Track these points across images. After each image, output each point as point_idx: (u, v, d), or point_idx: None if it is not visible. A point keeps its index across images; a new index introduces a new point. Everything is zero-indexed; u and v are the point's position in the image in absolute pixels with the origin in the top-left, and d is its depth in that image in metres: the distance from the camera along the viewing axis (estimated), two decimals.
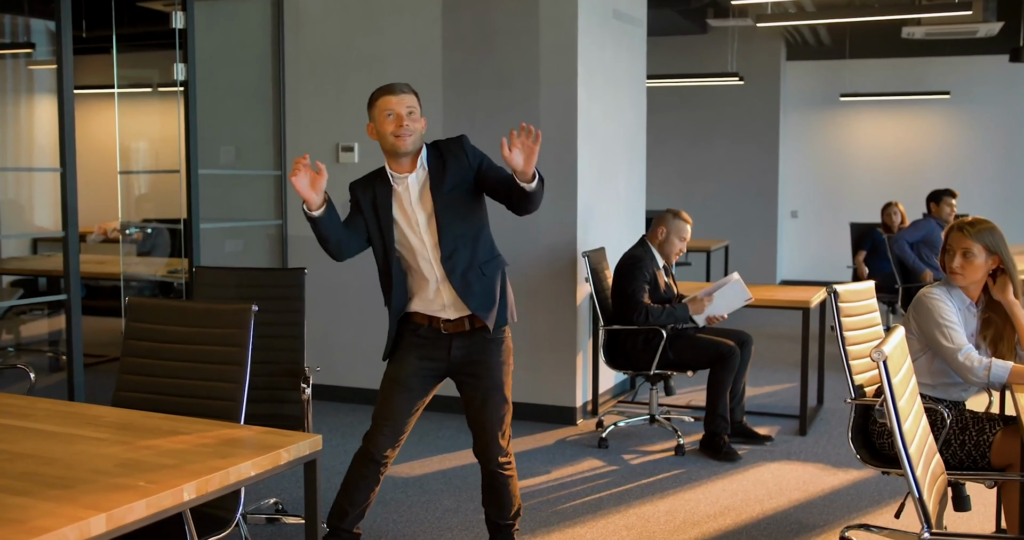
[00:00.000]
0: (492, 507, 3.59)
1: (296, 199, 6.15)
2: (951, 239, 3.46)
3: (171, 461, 2.30)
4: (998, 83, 11.81)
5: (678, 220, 5.28)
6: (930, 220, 7.48)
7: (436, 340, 3.40)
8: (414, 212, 3.30)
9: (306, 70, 6.10)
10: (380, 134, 3.27)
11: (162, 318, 2.95)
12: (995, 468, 3.28)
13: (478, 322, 3.37)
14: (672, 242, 5.26)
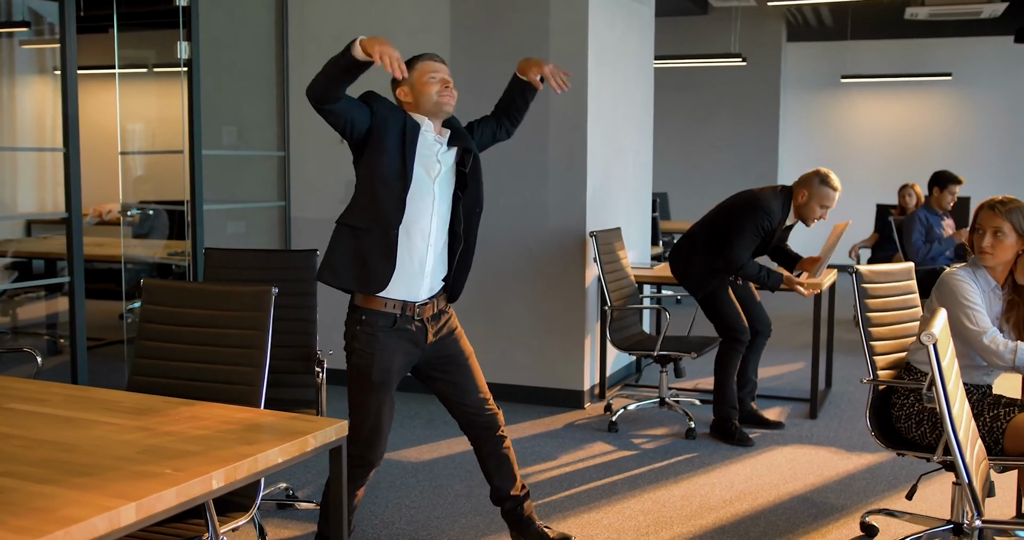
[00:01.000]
0: (505, 478, 3.49)
1: (300, 180, 6.07)
2: (981, 218, 3.40)
3: (195, 447, 2.24)
4: (1001, 65, 11.75)
5: (825, 187, 4.85)
6: (916, 214, 7.30)
7: (413, 332, 3.23)
8: (437, 161, 3.22)
9: (310, 49, 6.00)
10: (421, 94, 3.22)
11: (179, 300, 2.88)
12: (1008, 454, 3.24)
13: (440, 300, 3.29)
14: (812, 208, 4.89)
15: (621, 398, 5.75)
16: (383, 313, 3.19)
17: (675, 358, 5.23)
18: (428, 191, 3.19)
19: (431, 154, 3.21)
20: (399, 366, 3.24)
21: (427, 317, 3.25)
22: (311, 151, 6.04)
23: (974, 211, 3.48)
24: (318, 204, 6.05)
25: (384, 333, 3.19)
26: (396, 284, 3.17)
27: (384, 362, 3.20)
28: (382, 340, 3.19)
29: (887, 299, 3.71)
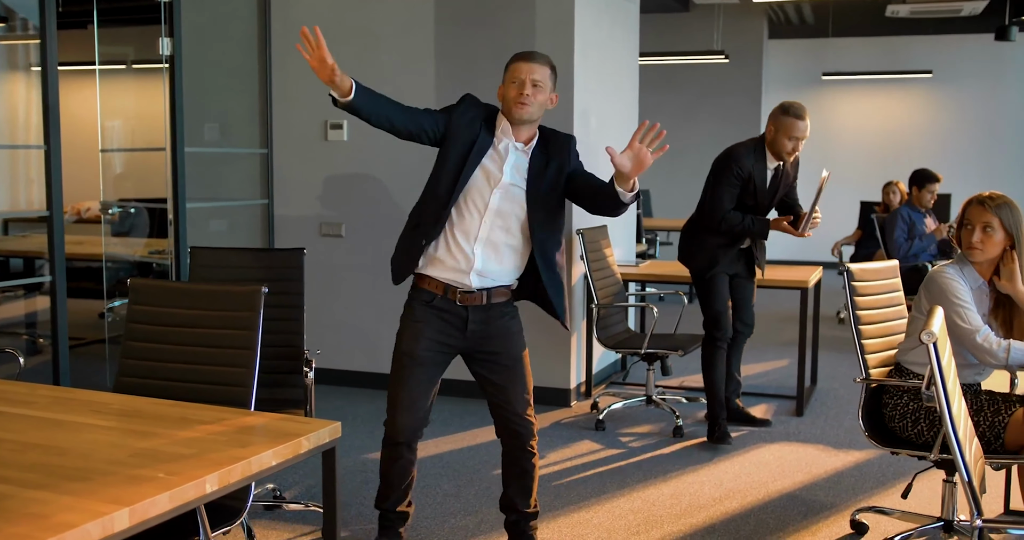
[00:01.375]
0: (520, 492, 3.43)
1: (283, 178, 6.02)
2: (970, 213, 3.39)
3: (188, 450, 2.20)
4: (981, 62, 11.82)
5: (786, 117, 4.67)
6: (899, 212, 7.34)
7: (451, 313, 3.27)
8: (502, 172, 3.21)
9: (294, 45, 5.93)
10: (505, 98, 3.24)
11: (167, 300, 2.83)
12: (1009, 450, 3.25)
13: (497, 295, 3.28)
14: (781, 142, 4.69)
15: (607, 396, 5.74)
16: (424, 290, 3.30)
17: (662, 356, 5.22)
18: (483, 200, 3.20)
19: (495, 166, 3.21)
20: (429, 340, 3.27)
21: (472, 305, 3.26)
22: (294, 148, 5.99)
23: (962, 206, 3.47)
24: (301, 202, 6.00)
25: (420, 307, 3.29)
26: (440, 268, 3.25)
27: (413, 333, 3.28)
28: (416, 313, 3.29)
29: (876, 297, 3.72)
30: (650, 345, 5.12)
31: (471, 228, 3.21)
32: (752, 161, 4.76)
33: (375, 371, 5.85)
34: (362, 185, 5.87)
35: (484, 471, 4.48)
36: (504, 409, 3.37)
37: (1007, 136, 11.91)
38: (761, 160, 4.80)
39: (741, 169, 4.75)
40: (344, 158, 5.88)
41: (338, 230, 5.92)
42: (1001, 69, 11.81)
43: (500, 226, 3.22)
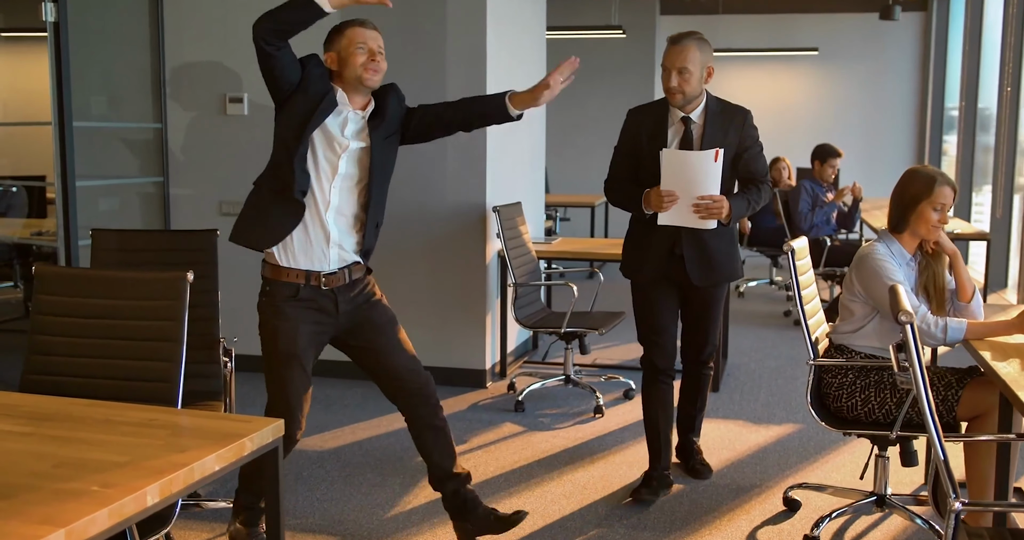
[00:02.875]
0: (444, 453, 3.28)
1: (179, 155, 5.69)
2: (944, 196, 3.32)
3: (120, 457, 1.99)
4: (865, 40, 12.09)
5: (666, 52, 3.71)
6: (803, 184, 7.44)
7: (319, 301, 3.09)
8: (346, 138, 3.09)
9: (189, 12, 5.61)
10: (346, 64, 3.06)
11: (79, 289, 2.58)
12: (961, 420, 3.27)
13: (355, 271, 3.15)
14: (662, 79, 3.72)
15: (524, 376, 5.63)
16: (285, 283, 3.09)
17: (580, 334, 5.13)
18: (331, 166, 3.08)
19: (338, 131, 3.09)
20: (307, 337, 3.10)
21: (336, 287, 3.12)
22: (191, 123, 5.65)
23: (925, 185, 3.39)
24: (199, 180, 5.68)
25: (287, 303, 3.08)
26: (298, 254, 3.08)
27: (288, 332, 3.07)
28: (286, 311, 3.08)
29: (808, 276, 3.70)
30: (569, 324, 5.03)
31: (325, 196, 3.07)
32: (645, 115, 3.81)
33: None
34: (264, 161, 5.57)
35: (408, 457, 4.32)
36: (391, 371, 3.21)
37: (889, 112, 12.24)
38: (659, 113, 3.77)
39: (627, 124, 3.85)
40: (245, 133, 5.58)
41: (239, 209, 5.61)
42: (884, 47, 12.10)
43: (347, 191, 3.11)
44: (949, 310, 3.41)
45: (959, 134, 10.29)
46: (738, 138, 3.76)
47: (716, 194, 3.58)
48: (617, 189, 3.86)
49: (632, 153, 3.83)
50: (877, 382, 3.36)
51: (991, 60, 9.34)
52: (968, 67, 9.89)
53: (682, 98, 3.67)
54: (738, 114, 3.80)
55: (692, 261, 3.75)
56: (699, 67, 3.65)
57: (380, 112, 3.16)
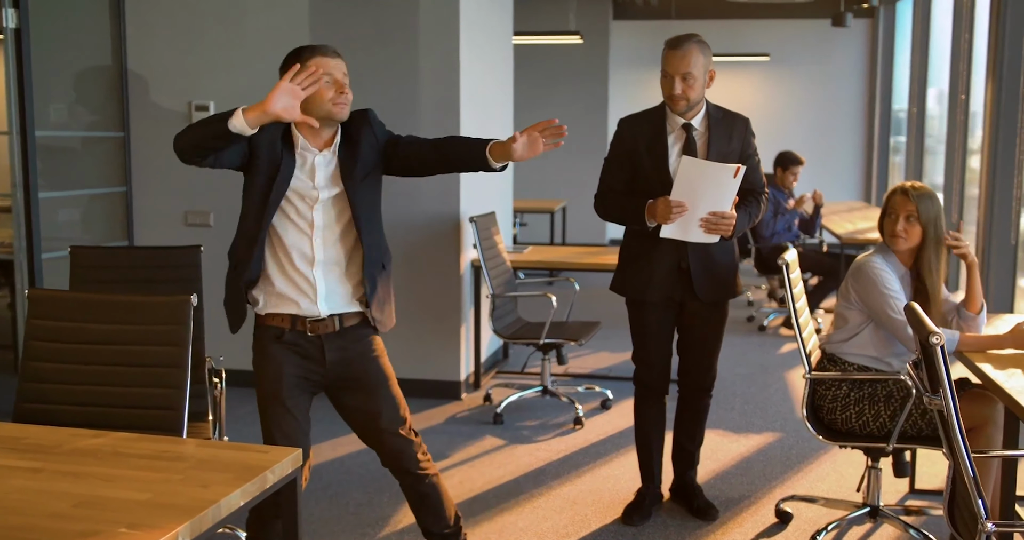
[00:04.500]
0: (429, 517, 3.12)
1: (143, 164, 5.53)
2: (894, 203, 3.41)
3: (140, 494, 1.90)
4: (816, 46, 12.25)
5: (663, 51, 3.52)
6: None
7: (305, 347, 2.91)
8: (316, 189, 2.87)
9: (152, 18, 5.45)
10: (312, 101, 2.78)
11: (77, 314, 2.48)
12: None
13: (348, 319, 2.93)
14: (661, 84, 3.57)
15: (499, 388, 5.58)
16: (270, 327, 2.92)
17: (559, 345, 5.09)
18: (306, 220, 2.87)
19: (307, 182, 2.87)
20: (291, 378, 2.90)
21: (324, 334, 2.91)
22: (155, 132, 5.50)
23: (885, 196, 3.49)
24: (164, 190, 5.53)
25: (272, 344, 2.91)
26: (283, 301, 2.89)
27: (271, 372, 2.90)
28: (270, 351, 2.91)
29: (799, 289, 3.70)
30: (548, 335, 4.99)
31: (304, 254, 2.87)
32: (640, 123, 3.62)
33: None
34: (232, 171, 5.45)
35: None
36: (381, 435, 3.00)
37: (839, 116, 12.41)
38: (656, 120, 3.60)
39: (621, 134, 3.65)
40: None
41: (206, 219, 5.50)
42: (834, 53, 12.27)
43: (332, 243, 2.90)
44: (952, 321, 3.43)
45: (909, 139, 10.47)
46: (740, 146, 3.61)
47: (729, 210, 3.41)
48: (612, 202, 3.64)
49: (627, 164, 3.63)
50: (871, 394, 3.37)
51: (939, 65, 9.51)
52: (919, 74, 10.06)
53: (685, 105, 3.50)
54: (739, 121, 3.64)
55: (699, 276, 3.57)
56: (702, 71, 3.47)
57: (352, 147, 2.92)
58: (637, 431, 3.85)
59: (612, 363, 6.30)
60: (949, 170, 8.50)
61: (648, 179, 3.57)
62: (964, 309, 3.39)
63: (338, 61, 2.87)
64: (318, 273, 2.87)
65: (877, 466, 3.59)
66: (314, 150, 2.88)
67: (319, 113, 2.82)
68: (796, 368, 6.16)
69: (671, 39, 3.51)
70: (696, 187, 3.38)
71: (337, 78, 2.84)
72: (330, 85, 2.82)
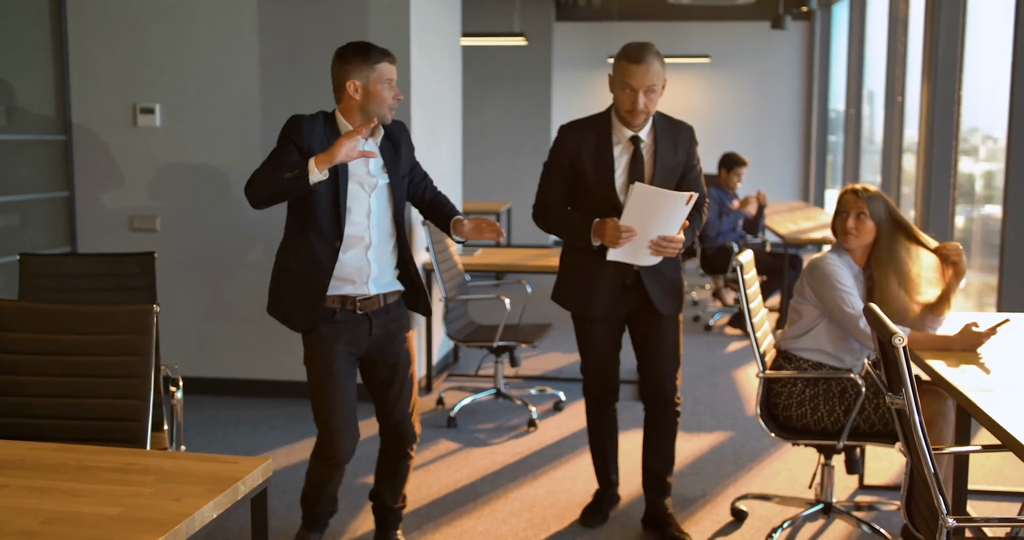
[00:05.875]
0: (390, 492, 3.43)
1: (85, 168, 5.42)
2: (845, 202, 3.49)
3: (111, 509, 1.87)
4: (756, 49, 12.44)
5: (618, 61, 3.36)
6: (709, 191, 7.58)
7: (354, 323, 3.16)
8: (371, 175, 3.11)
9: (95, 18, 5.34)
10: (373, 98, 3.03)
11: (34, 325, 2.42)
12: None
13: (391, 296, 3.22)
14: (615, 96, 3.39)
15: (452, 391, 5.57)
16: (323, 307, 3.15)
17: (512, 347, 5.11)
18: (363, 209, 3.11)
19: (363, 168, 3.10)
20: (343, 355, 3.16)
21: (371, 311, 3.17)
22: (98, 135, 5.39)
23: (838, 196, 3.57)
24: (108, 195, 5.43)
25: (324, 324, 3.14)
26: (337, 286, 3.13)
27: (325, 352, 3.14)
28: (322, 331, 3.14)
29: (754, 289, 3.75)
30: (501, 337, 5.00)
31: (361, 239, 3.12)
32: (584, 133, 3.46)
33: (206, 376, 5.41)
34: (178, 174, 5.38)
35: (350, 479, 4.19)
36: (393, 413, 3.31)
37: (778, 118, 12.62)
38: (602, 130, 3.44)
39: (563, 143, 3.48)
40: (157, 145, 5.36)
41: (152, 224, 5.41)
42: (773, 55, 12.47)
43: (383, 228, 3.17)
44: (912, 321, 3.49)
45: (846, 139, 10.67)
46: (685, 156, 3.52)
47: (677, 234, 3.33)
48: (552, 216, 3.51)
49: (568, 174, 3.48)
50: (826, 391, 3.44)
51: (875, 67, 9.72)
52: (855, 75, 10.26)
53: (645, 118, 3.38)
54: (684, 130, 3.53)
55: (655, 291, 3.48)
56: (660, 83, 3.36)
57: (393, 146, 3.17)
58: (591, 440, 3.83)
59: (563, 364, 6.33)
60: (886, 169, 8.69)
61: (591, 192, 3.45)
62: (928, 310, 3.46)
63: (395, 68, 3.09)
64: (372, 256, 3.12)
65: (830, 463, 3.66)
66: (361, 138, 3.04)
67: (375, 113, 3.06)
68: (744, 367, 6.25)
69: (631, 51, 3.33)
70: (647, 213, 3.25)
71: (394, 84, 3.07)
72: (390, 89, 3.04)
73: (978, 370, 3.04)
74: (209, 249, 5.39)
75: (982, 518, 3.12)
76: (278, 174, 2.86)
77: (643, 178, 3.41)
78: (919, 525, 2.44)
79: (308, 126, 3.02)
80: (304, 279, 3.10)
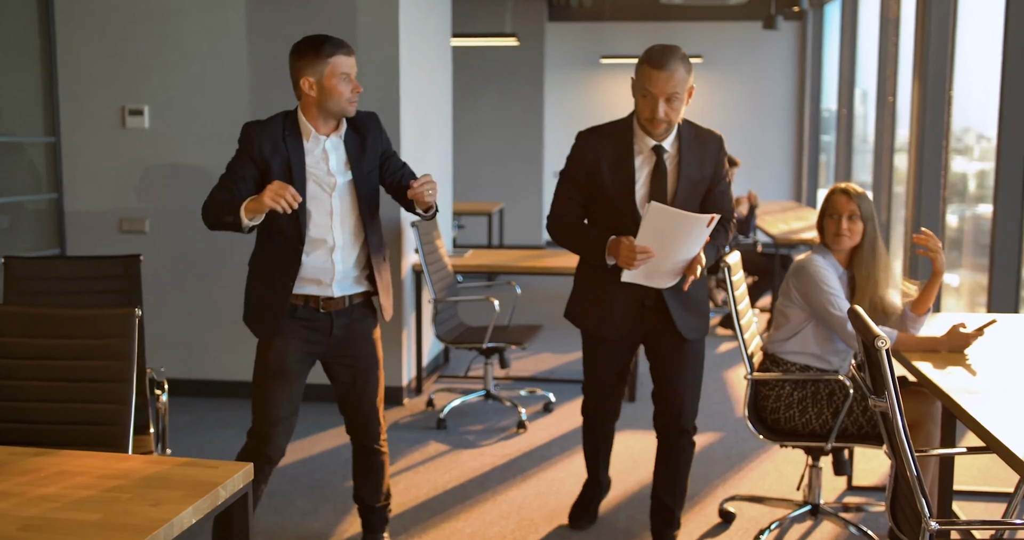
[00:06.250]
0: (369, 490, 3.43)
1: (74, 170, 5.41)
2: (836, 203, 3.47)
3: (90, 515, 1.86)
4: (747, 48, 12.44)
5: (640, 65, 3.14)
6: None
7: (315, 320, 3.14)
8: (330, 175, 3.07)
9: (83, 19, 5.32)
10: (330, 94, 2.99)
11: (16, 328, 2.41)
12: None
13: (357, 297, 3.18)
14: (637, 101, 3.19)
15: (442, 392, 5.57)
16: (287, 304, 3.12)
17: (501, 349, 5.10)
18: (325, 209, 3.06)
19: (323, 168, 3.05)
20: (296, 352, 3.13)
21: (335, 310, 3.14)
22: (87, 137, 5.38)
23: (825, 197, 3.56)
24: (97, 196, 5.41)
25: (285, 321, 3.11)
26: (301, 285, 3.10)
27: (278, 346, 3.11)
28: (280, 325, 3.10)
29: (741, 291, 3.75)
30: (491, 339, 4.99)
31: (324, 241, 3.08)
32: (603, 140, 3.24)
33: (194, 378, 5.40)
34: (167, 175, 5.37)
35: (337, 482, 4.21)
36: (358, 410, 3.31)
37: (770, 119, 12.62)
38: (622, 138, 3.22)
39: (580, 151, 3.27)
40: (146, 147, 5.35)
41: (141, 226, 5.39)
42: (765, 55, 12.48)
43: (348, 229, 3.12)
44: (886, 323, 3.50)
45: (838, 139, 10.68)
46: (712, 169, 3.27)
47: (697, 256, 3.11)
48: (567, 230, 3.28)
49: (585, 185, 3.26)
50: (813, 394, 3.44)
51: (866, 67, 9.72)
52: (847, 75, 10.27)
53: (666, 128, 3.15)
54: (712, 141, 3.28)
55: (676, 310, 3.26)
56: (686, 91, 3.11)
57: (359, 138, 3.11)
58: (586, 446, 3.73)
59: (554, 365, 6.33)
60: (877, 169, 8.69)
61: (609, 205, 3.22)
62: (909, 309, 3.47)
63: (352, 59, 3.03)
64: (337, 258, 3.08)
65: (818, 465, 3.66)
66: (322, 136, 3.04)
67: (334, 109, 3.01)
68: (733, 368, 6.25)
69: (653, 55, 3.08)
70: (664, 234, 3.02)
71: (351, 76, 3.01)
72: (347, 83, 2.99)
73: (964, 371, 3.04)
74: (198, 250, 5.38)
75: (965, 521, 3.12)
76: (221, 214, 2.89)
77: (665, 192, 3.18)
78: (903, 527, 2.44)
79: (257, 133, 3.00)
80: (270, 285, 3.07)
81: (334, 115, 3.03)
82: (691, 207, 3.20)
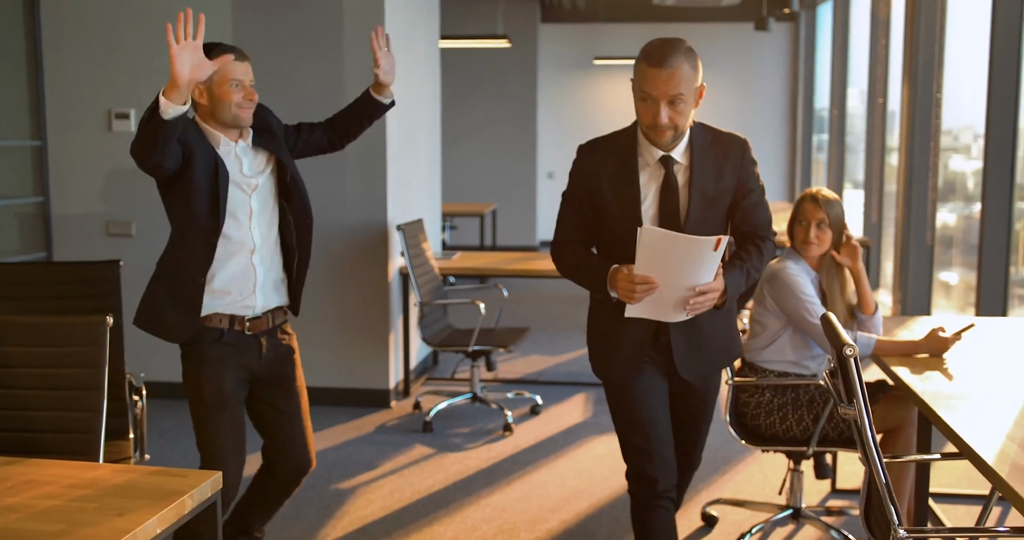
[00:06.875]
0: (258, 517, 3.24)
1: (61, 173, 5.40)
2: (804, 210, 3.48)
3: (54, 526, 1.86)
4: (739, 50, 12.44)
5: (638, 64, 2.69)
6: None
7: (243, 344, 2.98)
8: (249, 176, 2.96)
9: (69, 23, 5.32)
10: (220, 101, 2.85)
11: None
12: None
13: (278, 315, 3.06)
14: (636, 104, 2.74)
15: (429, 395, 5.57)
16: (209, 328, 2.96)
17: (488, 352, 5.10)
18: (245, 209, 2.94)
19: (237, 172, 2.94)
20: (233, 382, 2.98)
21: (259, 331, 3.02)
22: (73, 140, 5.37)
23: (795, 204, 3.57)
24: (83, 200, 5.41)
25: (211, 346, 2.95)
26: (224, 301, 2.95)
27: (214, 378, 2.95)
28: (210, 355, 2.95)
29: None
30: (477, 341, 4.99)
31: (243, 243, 2.94)
32: (604, 154, 2.83)
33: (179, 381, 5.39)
34: (154, 179, 5.35)
35: (320, 485, 4.21)
36: (292, 441, 3.11)
37: (763, 119, 12.63)
38: (625, 150, 2.81)
39: (579, 168, 2.86)
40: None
41: (128, 229, 5.39)
42: (758, 57, 12.48)
43: (265, 228, 3.00)
44: (854, 326, 3.51)
45: (831, 139, 10.68)
46: (736, 179, 2.81)
47: (711, 282, 2.64)
48: (568, 260, 2.85)
49: (587, 205, 2.84)
50: (794, 400, 3.43)
51: (858, 67, 9.73)
52: (839, 76, 10.28)
53: (672, 135, 2.71)
54: (734, 146, 2.84)
55: (680, 348, 2.82)
56: (693, 91, 2.68)
57: (267, 134, 3.02)
58: None
59: (542, 367, 6.33)
60: (869, 169, 8.70)
61: (615, 228, 2.79)
62: (859, 312, 3.48)
63: (246, 65, 2.92)
64: (257, 261, 2.96)
65: (799, 469, 3.67)
66: (230, 141, 2.93)
67: (225, 117, 2.89)
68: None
69: (651, 51, 2.65)
70: (665, 260, 2.60)
71: (245, 83, 2.89)
72: (238, 89, 2.87)
73: (942, 377, 3.04)
74: None
75: (933, 528, 3.12)
76: (141, 128, 2.61)
77: (677, 209, 2.75)
78: (876, 533, 2.44)
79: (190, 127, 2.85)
80: (180, 280, 2.89)
81: (227, 124, 2.88)
82: (710, 225, 2.78)
